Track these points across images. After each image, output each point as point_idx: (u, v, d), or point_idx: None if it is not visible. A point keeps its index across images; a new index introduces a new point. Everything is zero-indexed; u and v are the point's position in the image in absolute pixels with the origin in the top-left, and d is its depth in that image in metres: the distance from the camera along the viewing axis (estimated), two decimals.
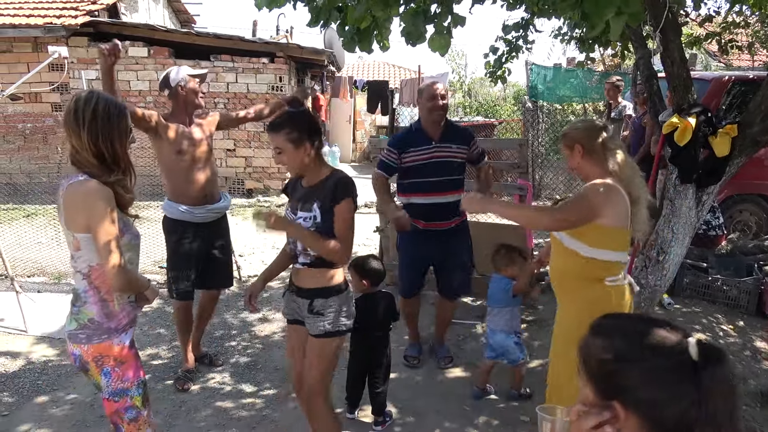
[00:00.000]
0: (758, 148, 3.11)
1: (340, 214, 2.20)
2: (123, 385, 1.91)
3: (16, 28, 8.40)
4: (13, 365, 3.58)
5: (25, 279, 4.99)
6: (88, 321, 1.87)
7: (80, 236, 1.82)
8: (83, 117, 1.79)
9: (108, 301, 1.88)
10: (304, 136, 2.18)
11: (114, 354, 1.89)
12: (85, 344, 1.87)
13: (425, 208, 3.32)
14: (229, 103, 8.99)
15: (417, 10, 2.41)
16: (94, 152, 1.81)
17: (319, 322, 2.27)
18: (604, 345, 0.97)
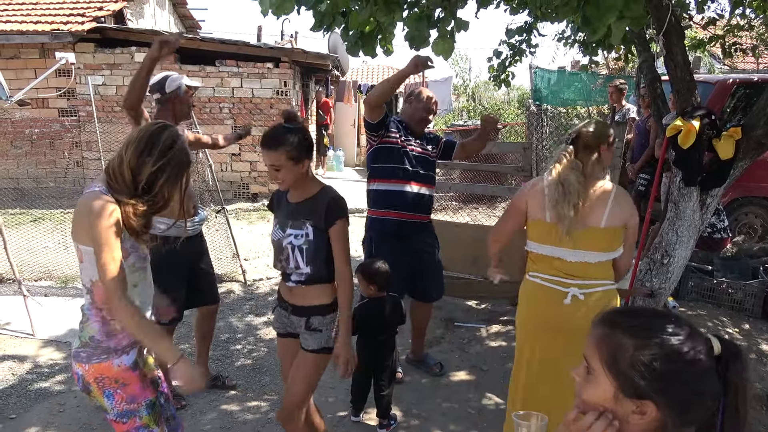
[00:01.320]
0: (762, 150, 3.11)
1: (337, 235, 2.19)
2: (129, 407, 1.81)
3: (23, 35, 8.48)
4: (20, 368, 3.61)
5: (32, 283, 5.02)
6: (89, 339, 1.79)
7: (83, 248, 1.75)
8: (160, 149, 1.76)
9: (109, 320, 1.80)
10: (303, 153, 2.17)
11: (113, 375, 1.79)
12: (86, 363, 1.79)
13: (402, 196, 3.24)
14: (234, 108, 9.05)
15: (420, 15, 2.42)
16: (148, 181, 1.76)
17: (314, 338, 2.25)
18: (636, 345, 0.97)
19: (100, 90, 8.73)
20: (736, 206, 5.56)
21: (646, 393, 0.96)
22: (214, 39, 9.22)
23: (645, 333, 0.98)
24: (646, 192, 5.42)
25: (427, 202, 3.38)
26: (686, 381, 0.95)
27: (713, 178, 3.10)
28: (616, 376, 0.98)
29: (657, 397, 0.95)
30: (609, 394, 0.99)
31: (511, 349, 3.83)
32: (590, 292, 2.25)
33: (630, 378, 0.97)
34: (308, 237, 2.18)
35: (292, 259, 2.21)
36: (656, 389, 0.95)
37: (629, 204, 2.29)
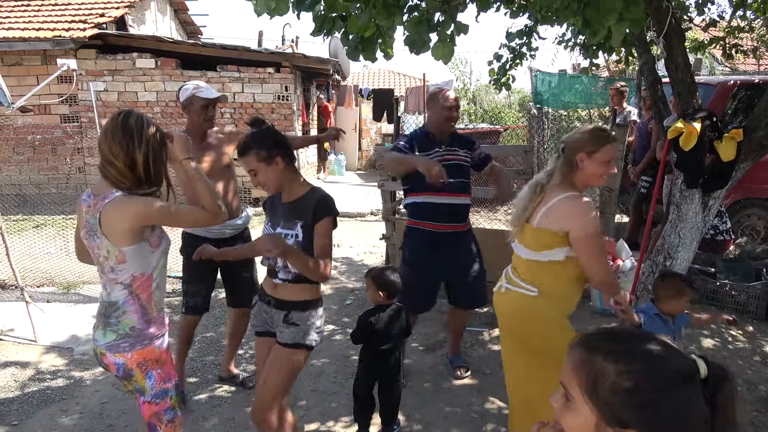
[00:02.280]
0: (764, 152, 3.11)
1: (319, 231, 2.20)
2: (165, 386, 1.99)
3: (25, 42, 8.51)
4: (22, 375, 3.61)
5: (34, 289, 5.03)
6: (129, 330, 1.94)
7: (127, 249, 1.88)
8: (139, 135, 1.85)
9: (148, 309, 1.97)
10: (273, 152, 2.19)
11: (155, 357, 1.97)
12: (128, 352, 1.94)
13: (436, 208, 3.22)
14: (236, 113, 9.07)
15: (420, 19, 2.43)
16: (144, 169, 1.87)
17: (290, 332, 2.26)
18: (618, 371, 0.91)
19: (101, 96, 8.77)
20: (738, 208, 5.55)
21: (630, 422, 0.90)
22: (215, 44, 9.25)
23: (627, 358, 0.92)
24: (647, 194, 5.42)
25: (461, 211, 3.31)
26: (672, 407, 0.88)
27: (715, 180, 3.10)
28: (596, 404, 0.92)
29: (642, 426, 0.89)
30: (591, 423, 0.93)
31: None
32: (511, 288, 2.30)
33: (612, 406, 0.90)
34: (297, 238, 2.21)
35: (281, 258, 2.21)
36: (641, 417, 0.89)
37: (575, 214, 2.14)
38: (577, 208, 2.14)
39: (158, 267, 1.99)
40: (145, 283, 1.95)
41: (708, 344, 3.93)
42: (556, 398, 1.00)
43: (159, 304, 2.02)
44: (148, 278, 1.96)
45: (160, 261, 1.99)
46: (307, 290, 2.30)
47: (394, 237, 4.86)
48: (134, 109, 1.95)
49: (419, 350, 3.93)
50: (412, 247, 3.34)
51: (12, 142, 9.00)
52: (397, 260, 4.88)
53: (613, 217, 4.80)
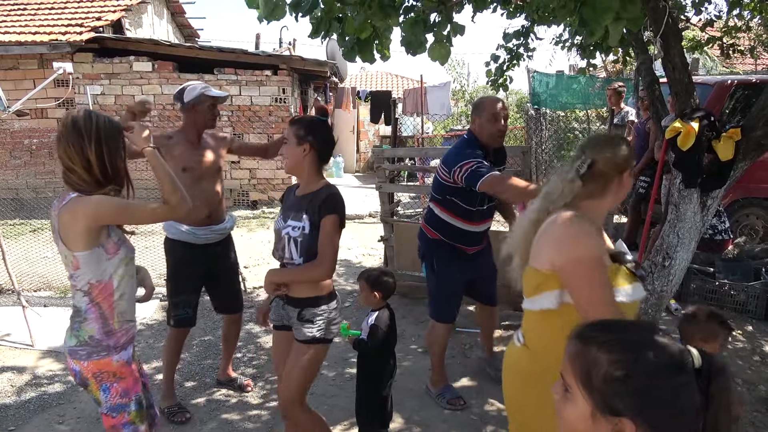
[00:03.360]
0: (762, 151, 3.09)
1: (323, 228, 2.23)
2: (122, 401, 1.93)
3: (22, 45, 8.50)
4: (19, 380, 3.59)
5: (31, 293, 5.01)
6: (88, 338, 1.89)
7: (80, 255, 1.83)
8: (88, 133, 1.81)
9: (109, 319, 1.90)
10: (309, 138, 2.27)
11: (113, 370, 1.91)
12: (84, 361, 1.89)
13: (464, 234, 3.16)
14: (233, 116, 9.05)
15: (416, 19, 2.41)
16: (99, 167, 1.83)
17: (307, 329, 2.30)
18: (611, 360, 0.92)
19: (98, 99, 8.75)
20: (737, 207, 5.55)
21: (622, 410, 0.91)
22: (212, 47, 9.25)
23: (619, 347, 0.94)
24: (646, 194, 5.41)
25: (484, 235, 3.30)
26: (664, 396, 0.90)
27: (713, 180, 3.08)
28: (590, 393, 0.94)
29: (634, 415, 0.91)
30: (587, 413, 0.95)
31: None
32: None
33: (605, 395, 0.92)
34: (304, 230, 2.24)
35: (287, 250, 2.28)
36: (632, 406, 0.91)
37: (567, 236, 1.61)
38: (570, 228, 1.61)
39: (118, 275, 1.91)
40: (105, 292, 1.88)
41: None
42: (556, 389, 1.02)
43: (124, 315, 1.95)
44: (107, 286, 1.88)
45: (119, 269, 1.91)
46: (318, 285, 2.32)
47: (392, 239, 4.85)
48: (84, 109, 1.91)
49: (418, 352, 3.92)
50: (443, 260, 3.21)
51: (8, 146, 8.99)
52: (396, 262, 4.87)
53: (611, 218, 4.80)
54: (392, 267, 4.91)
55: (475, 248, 3.26)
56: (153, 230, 5.79)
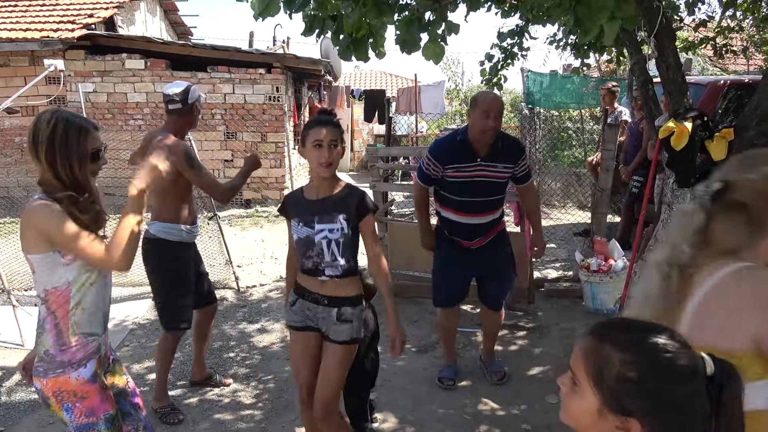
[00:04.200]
0: None
1: (369, 228, 2.30)
2: (88, 420, 1.79)
3: (12, 42, 8.42)
4: (9, 380, 3.55)
5: (21, 293, 4.96)
6: (44, 353, 1.77)
7: (33, 257, 1.74)
8: (40, 138, 1.72)
9: (63, 331, 1.77)
10: (344, 139, 2.32)
11: (72, 389, 1.77)
12: (43, 378, 1.77)
13: (459, 226, 3.17)
14: (227, 114, 9.01)
15: (411, 18, 2.41)
16: (52, 174, 1.73)
17: (345, 329, 2.29)
18: (624, 360, 0.93)
19: (90, 97, 8.68)
20: None
21: (631, 410, 0.92)
22: (205, 45, 9.20)
23: (634, 348, 0.94)
24: (639, 194, 5.43)
25: (490, 227, 3.20)
26: (674, 401, 0.90)
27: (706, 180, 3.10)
28: (601, 390, 0.95)
29: (642, 416, 0.91)
30: (594, 409, 0.96)
31: (506, 353, 3.81)
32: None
33: (616, 394, 0.93)
34: (343, 230, 2.23)
35: (327, 253, 2.23)
36: (642, 407, 0.91)
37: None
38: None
39: (78, 283, 1.76)
40: (60, 301, 1.75)
41: None
42: (563, 380, 1.03)
43: (81, 328, 1.79)
44: (63, 295, 1.75)
45: (80, 277, 1.77)
46: (353, 284, 2.33)
47: (386, 238, 4.84)
48: (53, 110, 1.78)
49: (412, 351, 3.91)
50: (442, 250, 3.30)
51: None
52: (390, 261, 4.86)
53: (605, 217, 4.81)
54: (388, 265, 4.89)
55: (474, 242, 3.20)
56: None
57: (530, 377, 3.53)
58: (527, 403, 3.22)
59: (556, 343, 3.92)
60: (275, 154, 9.20)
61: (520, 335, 4.14)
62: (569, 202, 8.31)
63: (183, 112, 3.03)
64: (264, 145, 9.13)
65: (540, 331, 4.15)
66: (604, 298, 4.38)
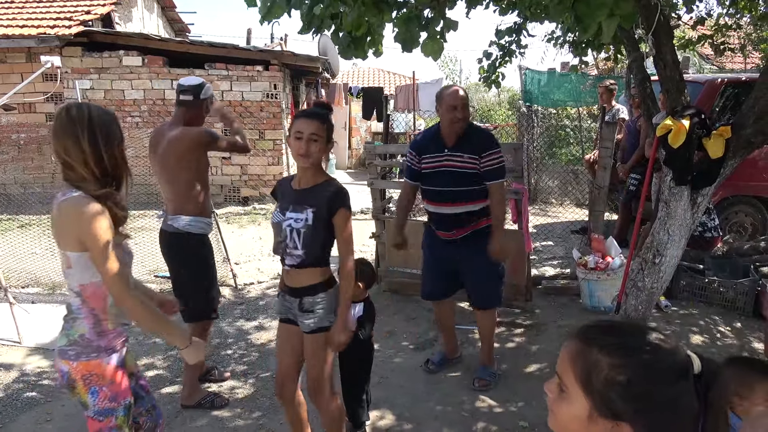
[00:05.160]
0: (752, 149, 3.11)
1: (339, 225, 2.28)
2: (110, 405, 1.85)
3: (9, 39, 8.39)
4: (6, 377, 3.55)
5: (19, 290, 4.95)
6: (78, 337, 1.82)
7: (71, 255, 1.77)
8: (81, 125, 1.75)
9: (102, 320, 1.84)
10: (330, 135, 2.32)
11: (102, 372, 1.84)
12: (74, 361, 1.82)
13: (434, 216, 3.26)
14: None
15: (410, 15, 2.40)
16: (95, 160, 1.75)
17: (309, 320, 2.34)
18: (613, 364, 0.92)
19: (88, 94, 8.65)
20: (726, 205, 5.59)
21: (621, 414, 0.91)
22: (203, 42, 9.17)
23: (621, 351, 0.93)
24: (636, 192, 5.44)
25: (465, 218, 3.17)
26: (664, 402, 0.90)
27: (704, 177, 3.10)
28: (590, 395, 0.93)
29: (633, 418, 0.91)
30: (583, 414, 0.94)
31: (504, 350, 3.82)
32: None
33: (605, 397, 0.92)
34: (307, 222, 2.27)
35: (289, 241, 2.30)
36: (632, 410, 0.91)
37: None
38: None
39: None
40: (97, 294, 1.82)
41: (697, 341, 3.95)
42: (550, 387, 1.01)
43: (118, 318, 1.88)
44: (100, 290, 1.81)
45: None
46: (315, 273, 2.33)
47: (384, 235, 4.84)
48: (75, 102, 1.85)
49: (409, 349, 3.92)
50: (425, 241, 3.42)
51: None
52: (387, 259, 4.86)
53: (602, 215, 4.82)
54: (383, 264, 4.90)
55: (450, 234, 3.21)
56: (145, 227, 5.76)
57: (528, 374, 3.54)
58: (524, 400, 3.23)
59: (553, 341, 3.93)
60: (273, 152, 9.19)
61: (517, 332, 4.15)
62: (567, 199, 8.33)
63: (193, 106, 3.10)
64: (262, 143, 9.12)
65: (537, 329, 4.16)
66: (601, 295, 4.39)
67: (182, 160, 3.00)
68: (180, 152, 2.99)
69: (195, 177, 3.05)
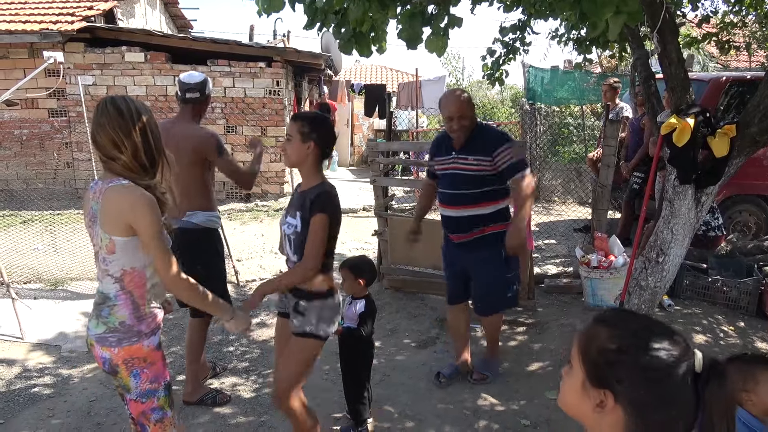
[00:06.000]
0: (757, 148, 3.10)
1: (312, 227, 2.23)
2: (152, 386, 1.92)
3: (12, 34, 8.37)
4: (9, 373, 3.55)
5: (21, 286, 4.96)
6: (119, 324, 1.87)
7: (118, 239, 1.81)
8: (132, 118, 1.79)
9: (140, 305, 1.90)
10: (313, 135, 2.27)
11: (144, 355, 1.90)
12: (115, 347, 1.87)
13: (445, 219, 3.24)
14: (226, 108, 8.98)
15: (414, 11, 2.39)
16: (144, 152, 1.81)
17: (298, 321, 2.34)
18: (610, 335, 0.96)
19: (90, 90, 8.64)
20: (730, 204, 5.56)
21: (607, 381, 0.95)
22: (205, 38, 9.15)
23: (621, 324, 0.98)
24: (640, 190, 5.42)
25: (469, 222, 3.10)
26: (649, 380, 0.92)
27: (708, 176, 3.09)
28: (585, 363, 0.98)
29: (616, 388, 0.94)
30: (579, 384, 0.98)
31: (506, 349, 3.81)
32: None
33: (596, 364, 0.96)
34: (296, 228, 2.28)
35: (286, 245, 2.36)
36: (617, 378, 0.94)
37: None
38: None
39: (153, 266, 1.90)
40: (137, 280, 1.88)
41: (700, 340, 3.93)
42: (564, 368, 1.06)
43: (153, 300, 1.95)
44: (140, 275, 1.88)
45: None
46: (312, 281, 2.32)
47: (386, 233, 4.83)
48: (115, 95, 1.88)
49: (411, 347, 3.91)
50: (443, 244, 3.36)
51: None
52: (389, 256, 4.86)
53: (605, 214, 4.80)
54: (386, 261, 4.90)
55: (459, 236, 3.17)
56: None
57: (529, 373, 3.53)
58: (526, 398, 3.22)
59: (555, 339, 3.92)
60: (275, 149, 9.18)
61: (519, 331, 4.14)
62: (570, 198, 8.30)
63: (199, 102, 3.13)
64: (264, 139, 9.11)
65: (539, 327, 4.15)
66: (604, 294, 4.38)
67: (197, 159, 3.03)
68: (197, 151, 3.02)
69: (207, 174, 3.11)
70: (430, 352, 3.81)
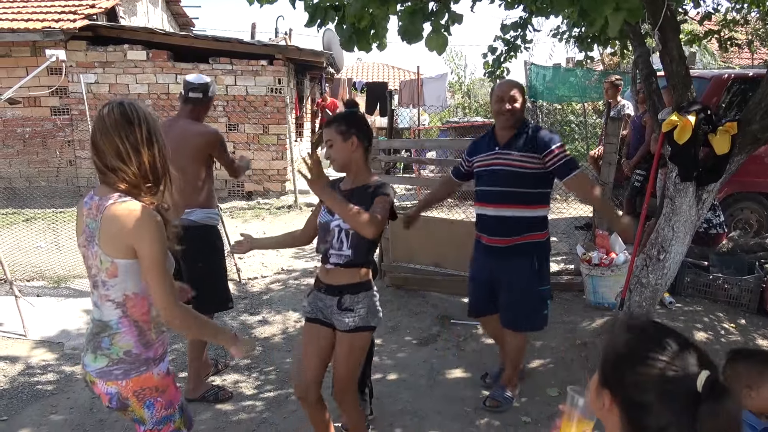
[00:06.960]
0: (758, 145, 3.09)
1: (378, 200, 2.26)
2: (167, 413, 1.81)
3: (14, 33, 8.39)
4: (12, 370, 3.57)
5: (24, 283, 4.97)
6: (123, 354, 1.70)
7: (120, 262, 1.65)
8: (138, 123, 1.63)
9: (146, 330, 1.73)
10: (352, 130, 2.30)
11: (155, 384, 1.76)
12: (122, 380, 1.71)
13: (481, 219, 3.04)
14: (228, 106, 8.99)
15: (414, 8, 2.39)
16: (150, 161, 1.65)
17: (348, 318, 2.33)
18: (627, 339, 1.00)
19: (92, 88, 8.67)
20: (731, 201, 5.55)
21: (607, 380, 0.99)
22: (207, 36, 9.16)
23: (643, 334, 1.01)
24: (641, 188, 5.42)
25: (511, 224, 2.90)
26: (644, 385, 0.95)
27: (709, 174, 3.08)
28: (601, 365, 1.03)
29: (612, 388, 0.98)
30: (596, 382, 1.03)
31: None
32: None
33: (605, 365, 1.01)
34: None
35: (336, 240, 2.32)
36: (615, 378, 0.98)
37: None
38: None
39: None
40: (140, 304, 1.71)
41: (701, 337, 3.93)
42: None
43: (160, 325, 1.78)
44: (143, 300, 1.71)
45: None
46: (358, 273, 2.34)
47: (387, 230, 4.83)
48: (121, 100, 1.70)
49: (413, 344, 3.92)
50: (474, 247, 3.14)
51: (1, 134, 8.90)
52: (391, 254, 4.86)
53: None
54: (387, 258, 4.90)
55: (494, 240, 2.96)
56: None
57: (531, 370, 3.54)
58: (528, 395, 3.23)
59: (557, 337, 3.92)
60: (277, 146, 9.19)
61: None
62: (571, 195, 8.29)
63: (201, 103, 3.18)
64: (266, 137, 9.12)
65: None
66: (605, 291, 4.38)
67: (198, 157, 3.08)
68: (200, 148, 3.07)
69: (206, 171, 3.14)
70: (432, 350, 3.82)
